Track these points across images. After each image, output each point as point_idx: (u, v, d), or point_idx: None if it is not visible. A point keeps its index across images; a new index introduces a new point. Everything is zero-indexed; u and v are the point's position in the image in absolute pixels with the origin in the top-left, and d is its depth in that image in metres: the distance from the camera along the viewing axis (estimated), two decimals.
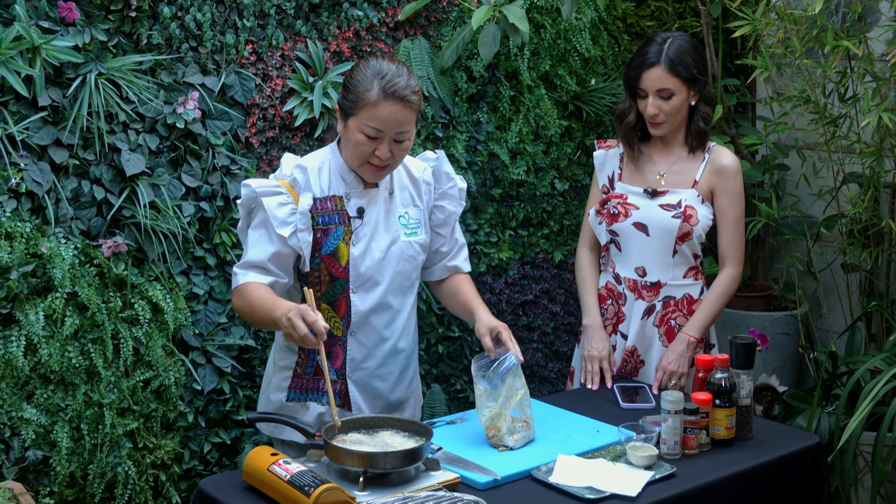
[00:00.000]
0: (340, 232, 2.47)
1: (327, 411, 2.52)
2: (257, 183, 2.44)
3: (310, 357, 2.53)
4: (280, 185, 2.45)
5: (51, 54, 2.70)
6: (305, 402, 2.54)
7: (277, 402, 2.55)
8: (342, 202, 2.49)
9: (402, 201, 2.58)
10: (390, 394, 2.60)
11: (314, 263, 2.47)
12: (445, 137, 3.52)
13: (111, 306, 2.88)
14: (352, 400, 2.54)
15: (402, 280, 2.55)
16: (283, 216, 2.41)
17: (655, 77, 2.83)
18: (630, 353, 2.97)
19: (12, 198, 2.74)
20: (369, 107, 2.36)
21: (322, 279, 2.48)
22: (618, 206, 2.93)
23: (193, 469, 3.11)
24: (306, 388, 2.54)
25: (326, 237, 2.46)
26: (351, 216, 2.49)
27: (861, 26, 3.47)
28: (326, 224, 2.46)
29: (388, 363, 2.57)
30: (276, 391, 2.56)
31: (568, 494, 2.17)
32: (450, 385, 3.66)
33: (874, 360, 3.32)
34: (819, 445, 2.56)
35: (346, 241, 2.47)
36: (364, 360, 2.54)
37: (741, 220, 2.94)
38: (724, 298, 2.92)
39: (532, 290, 3.80)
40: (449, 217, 2.66)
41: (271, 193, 2.43)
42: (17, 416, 2.75)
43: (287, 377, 2.55)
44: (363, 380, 2.54)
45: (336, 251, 2.46)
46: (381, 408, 2.59)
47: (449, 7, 3.51)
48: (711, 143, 2.95)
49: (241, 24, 3.07)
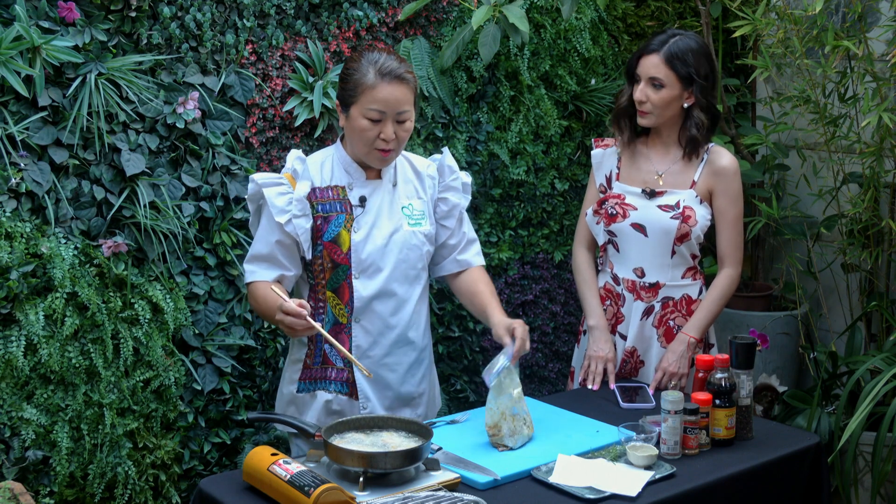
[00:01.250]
0: (342, 220, 2.53)
1: (335, 399, 2.57)
2: (261, 176, 2.53)
3: (318, 347, 2.58)
4: (282, 177, 2.53)
5: (51, 54, 2.70)
6: (314, 392, 2.58)
7: (289, 395, 2.62)
8: (344, 192, 2.55)
9: (405, 193, 2.63)
10: (400, 386, 2.61)
11: (317, 251, 2.53)
12: (445, 137, 3.52)
13: (111, 306, 2.88)
14: (359, 389, 2.57)
15: (406, 268, 2.58)
16: (281, 204, 2.48)
17: (651, 64, 2.84)
18: (630, 353, 2.96)
19: (12, 198, 2.74)
20: (368, 90, 2.44)
21: (325, 266, 2.54)
22: (616, 206, 2.93)
23: (193, 469, 3.11)
24: (315, 377, 2.59)
25: (327, 224, 2.52)
26: (353, 205, 2.54)
27: (861, 26, 3.47)
28: (327, 212, 2.53)
29: (396, 353, 2.59)
30: (288, 384, 2.63)
31: (568, 494, 2.17)
32: (450, 385, 3.66)
33: (874, 360, 3.32)
34: (819, 445, 2.56)
35: (347, 228, 2.53)
36: (370, 348, 2.57)
37: (740, 221, 2.94)
38: (724, 299, 2.92)
39: (532, 290, 3.80)
40: (453, 209, 2.69)
41: (273, 184, 2.51)
42: (17, 416, 2.75)
43: (298, 369, 2.61)
44: (371, 368, 2.55)
45: (337, 237, 2.52)
46: (391, 400, 2.60)
47: (449, 7, 3.51)
48: (710, 143, 2.95)
49: (241, 24, 3.07)
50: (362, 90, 2.45)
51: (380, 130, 2.46)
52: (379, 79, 2.44)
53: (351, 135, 2.52)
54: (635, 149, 2.98)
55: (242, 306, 3.14)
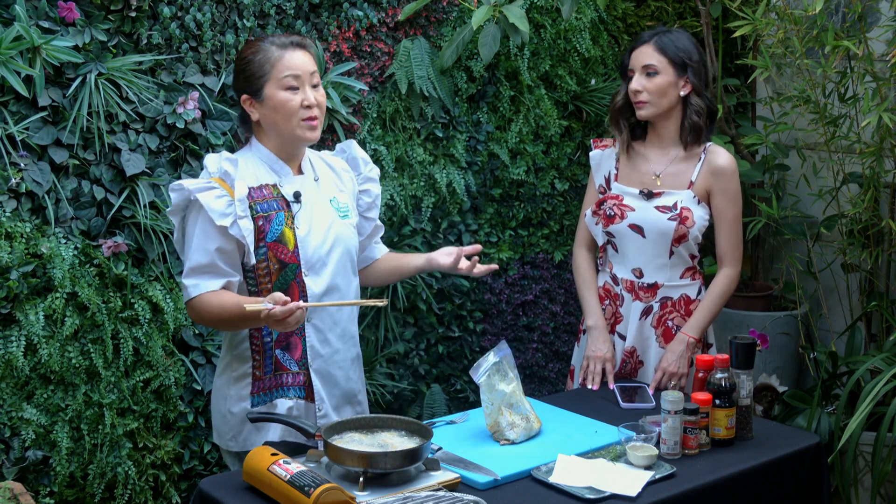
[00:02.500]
0: (283, 217, 2.45)
1: (295, 404, 2.49)
2: (190, 183, 2.40)
3: (266, 356, 2.48)
4: (212, 181, 2.41)
5: (51, 54, 2.70)
6: (272, 402, 2.49)
7: (242, 413, 2.48)
8: (277, 189, 2.48)
9: (327, 187, 2.59)
10: (345, 382, 2.57)
11: (260, 254, 2.43)
12: (445, 137, 3.52)
13: (111, 306, 2.88)
14: (315, 391, 2.51)
15: (346, 261, 2.55)
16: (221, 208, 2.37)
17: (643, 54, 2.86)
18: (629, 353, 2.97)
19: (12, 198, 2.74)
20: (276, 62, 2.43)
21: (271, 269, 2.44)
22: (614, 207, 2.93)
23: (193, 469, 3.11)
24: (269, 387, 2.49)
25: (269, 224, 2.44)
26: (290, 201, 2.48)
27: (861, 26, 3.47)
28: (266, 211, 2.44)
29: (342, 349, 2.56)
30: (238, 402, 2.49)
31: (568, 494, 2.16)
32: (450, 385, 3.66)
33: (874, 360, 3.32)
34: (819, 445, 2.56)
35: (289, 225, 2.46)
36: (322, 347, 2.52)
37: (739, 220, 2.94)
38: (723, 299, 2.92)
39: (532, 290, 3.80)
40: (375, 199, 2.70)
41: (205, 189, 2.39)
42: (17, 416, 2.75)
43: (247, 384, 2.48)
44: (323, 368, 2.52)
45: (282, 236, 2.44)
46: (338, 398, 2.56)
47: (449, 7, 3.51)
48: (707, 142, 2.95)
49: (241, 24, 3.07)
50: (271, 64, 2.42)
51: (302, 97, 2.43)
52: (282, 49, 2.43)
53: (273, 116, 2.44)
54: (633, 150, 2.98)
55: None
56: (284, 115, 2.43)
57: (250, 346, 2.48)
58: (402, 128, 3.43)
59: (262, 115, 2.46)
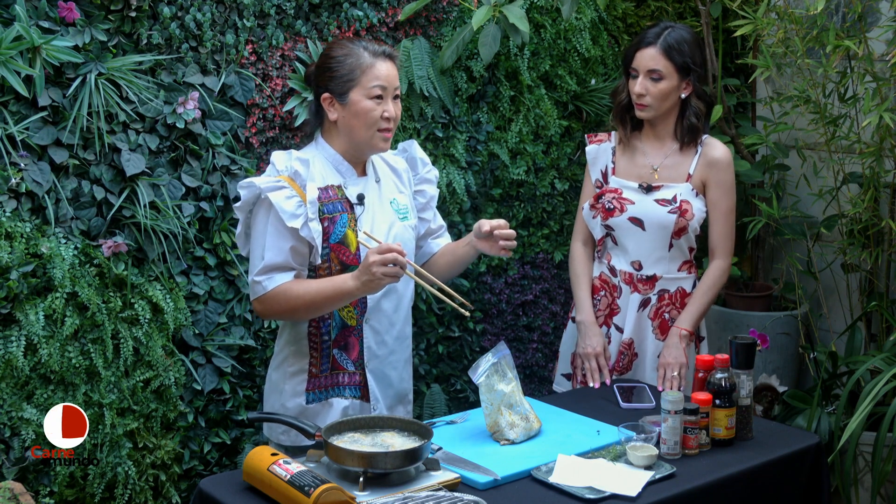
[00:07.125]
0: (346, 219, 2.49)
1: (350, 404, 2.53)
2: (260, 181, 2.44)
3: (324, 354, 2.53)
4: (281, 179, 2.45)
5: (51, 54, 2.70)
6: (328, 401, 2.53)
7: (297, 408, 2.52)
8: (341, 191, 2.51)
9: (389, 188, 2.62)
10: (399, 383, 2.61)
11: (323, 255, 2.47)
12: (445, 137, 3.52)
13: (111, 306, 2.88)
14: (370, 391, 2.55)
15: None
16: (291, 209, 2.41)
17: (648, 57, 2.86)
18: (627, 345, 2.98)
19: (12, 198, 2.74)
20: (368, 69, 2.45)
21: (333, 270, 2.48)
22: (613, 200, 2.94)
23: (193, 469, 3.11)
24: (325, 385, 2.54)
25: (333, 226, 2.47)
26: (353, 203, 2.51)
27: (861, 26, 3.47)
28: (332, 213, 2.48)
29: (397, 350, 2.60)
30: (293, 397, 2.53)
31: (568, 494, 2.17)
32: (450, 385, 3.66)
33: (874, 360, 3.32)
34: (819, 445, 2.56)
35: (351, 227, 2.49)
36: (378, 348, 2.56)
37: (732, 213, 2.96)
38: (715, 290, 2.94)
39: (532, 290, 3.80)
40: (431, 200, 2.73)
41: (275, 188, 2.42)
42: (17, 416, 2.75)
43: (302, 380, 2.53)
44: (378, 369, 2.55)
45: (344, 238, 2.48)
46: (391, 398, 2.60)
47: (449, 7, 3.51)
48: (703, 135, 2.96)
49: (241, 24, 3.07)
50: (362, 70, 2.44)
51: (383, 109, 2.46)
52: (374, 57, 2.46)
53: (353, 121, 2.47)
54: (630, 143, 3.00)
55: (242, 306, 3.14)
56: (365, 123, 2.46)
57: (308, 343, 2.52)
58: (403, 128, 3.43)
59: (341, 117, 2.49)
